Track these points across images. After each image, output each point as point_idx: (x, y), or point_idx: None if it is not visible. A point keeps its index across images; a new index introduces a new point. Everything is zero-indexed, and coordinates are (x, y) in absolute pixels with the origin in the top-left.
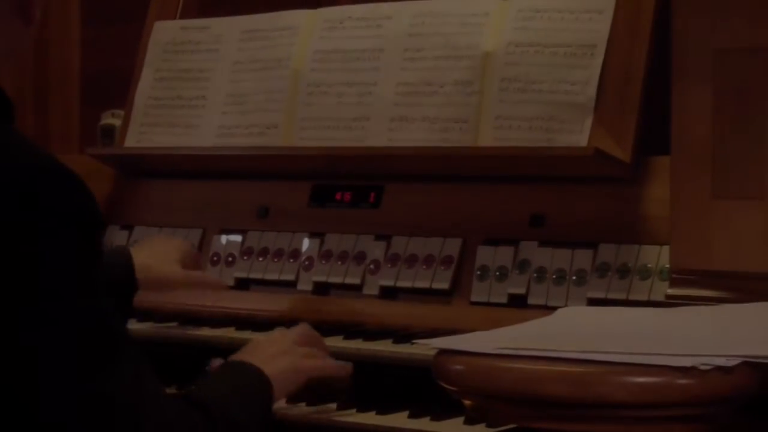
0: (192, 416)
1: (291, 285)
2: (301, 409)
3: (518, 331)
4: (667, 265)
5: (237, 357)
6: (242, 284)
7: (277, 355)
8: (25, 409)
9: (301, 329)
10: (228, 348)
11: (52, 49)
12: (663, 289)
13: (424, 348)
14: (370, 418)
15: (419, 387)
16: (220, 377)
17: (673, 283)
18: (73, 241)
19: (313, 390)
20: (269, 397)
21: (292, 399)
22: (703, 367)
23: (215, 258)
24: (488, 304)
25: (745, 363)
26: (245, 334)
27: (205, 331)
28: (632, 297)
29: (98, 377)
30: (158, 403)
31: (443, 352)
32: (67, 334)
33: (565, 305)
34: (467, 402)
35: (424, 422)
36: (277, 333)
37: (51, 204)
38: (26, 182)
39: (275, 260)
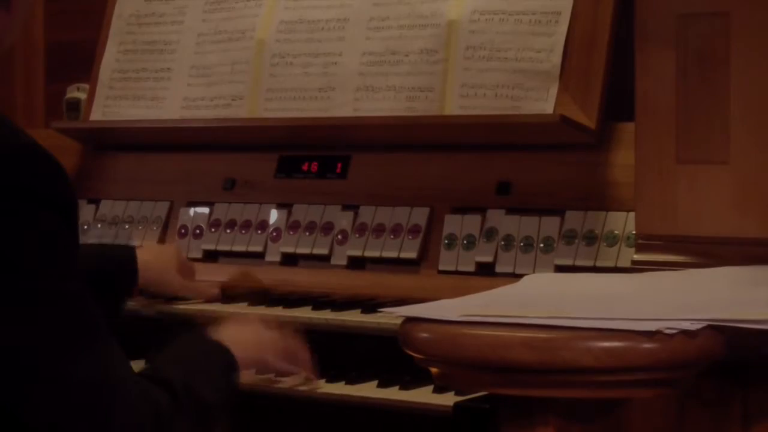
0: (157, 396)
1: (259, 256)
2: (269, 379)
3: (484, 298)
4: (634, 231)
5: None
6: (210, 256)
7: (250, 344)
8: None
9: (289, 340)
10: (197, 321)
11: None
12: (630, 255)
13: (392, 317)
14: (339, 388)
15: (388, 356)
16: (185, 351)
17: (639, 249)
18: (49, 223)
19: None
20: (235, 377)
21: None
22: (668, 331)
23: (183, 230)
24: (456, 272)
25: (709, 327)
26: (213, 306)
27: (175, 305)
28: (599, 263)
29: (68, 358)
30: (126, 384)
31: (409, 320)
32: (40, 315)
33: (533, 272)
34: (434, 370)
35: (392, 391)
36: (258, 324)
37: (28, 186)
38: (4, 164)
39: (243, 232)
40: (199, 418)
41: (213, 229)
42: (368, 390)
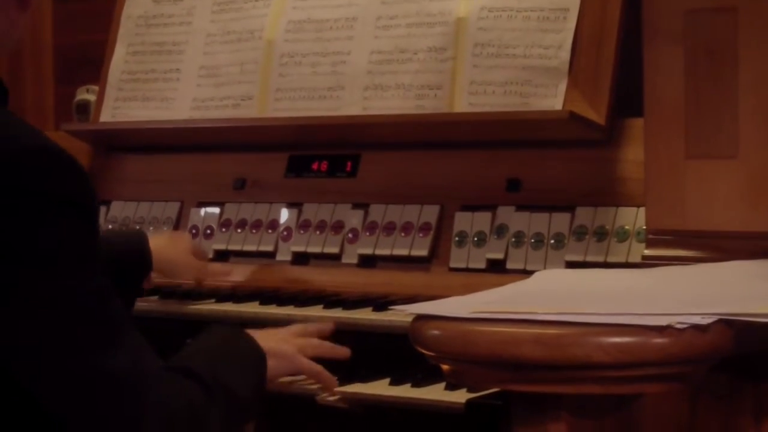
0: (189, 390)
1: (270, 256)
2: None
3: (495, 294)
4: (644, 227)
5: None
6: (221, 256)
7: (277, 340)
8: (27, 388)
9: (313, 340)
10: (208, 321)
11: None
12: (640, 250)
13: (403, 315)
14: (350, 386)
15: (400, 354)
16: (213, 344)
17: (649, 244)
18: (71, 221)
19: None
20: (264, 367)
21: None
22: (678, 326)
23: (194, 231)
24: (467, 269)
25: (720, 321)
26: (226, 306)
27: (187, 305)
28: (610, 259)
29: (99, 354)
30: (157, 378)
31: (420, 317)
32: (67, 313)
33: (544, 269)
34: (445, 367)
35: (405, 389)
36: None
37: (50, 185)
38: (18, 163)
39: (254, 231)
40: (232, 412)
41: (224, 229)
42: (380, 388)
